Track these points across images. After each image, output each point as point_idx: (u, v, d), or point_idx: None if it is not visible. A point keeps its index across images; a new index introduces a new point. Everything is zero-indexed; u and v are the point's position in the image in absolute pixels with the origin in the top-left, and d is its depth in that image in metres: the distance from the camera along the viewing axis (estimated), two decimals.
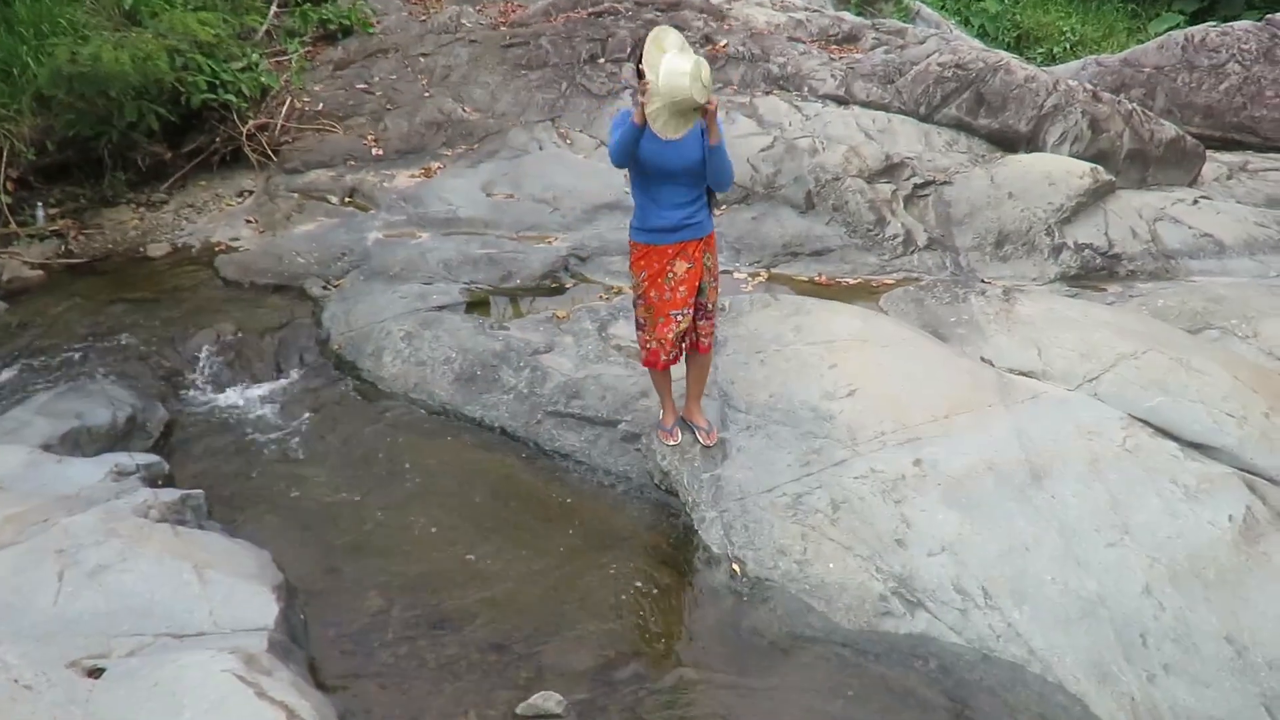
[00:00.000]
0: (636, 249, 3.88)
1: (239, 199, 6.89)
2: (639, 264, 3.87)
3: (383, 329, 5.15)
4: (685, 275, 3.81)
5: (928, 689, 3.22)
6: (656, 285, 3.83)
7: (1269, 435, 4.16)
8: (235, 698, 2.34)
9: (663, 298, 3.82)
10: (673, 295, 3.81)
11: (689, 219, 3.76)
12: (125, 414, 4.24)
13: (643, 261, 3.84)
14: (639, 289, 3.92)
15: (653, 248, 3.79)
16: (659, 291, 3.83)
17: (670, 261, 3.78)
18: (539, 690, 3.07)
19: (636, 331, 4.06)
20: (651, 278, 3.83)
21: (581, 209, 6.61)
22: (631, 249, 3.92)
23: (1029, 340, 4.86)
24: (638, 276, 3.90)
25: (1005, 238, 6.53)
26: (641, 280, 3.89)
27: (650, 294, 3.86)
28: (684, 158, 3.66)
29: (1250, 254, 6.73)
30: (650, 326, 3.92)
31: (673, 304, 3.82)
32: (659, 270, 3.80)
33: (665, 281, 3.81)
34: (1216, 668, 3.21)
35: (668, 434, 4.18)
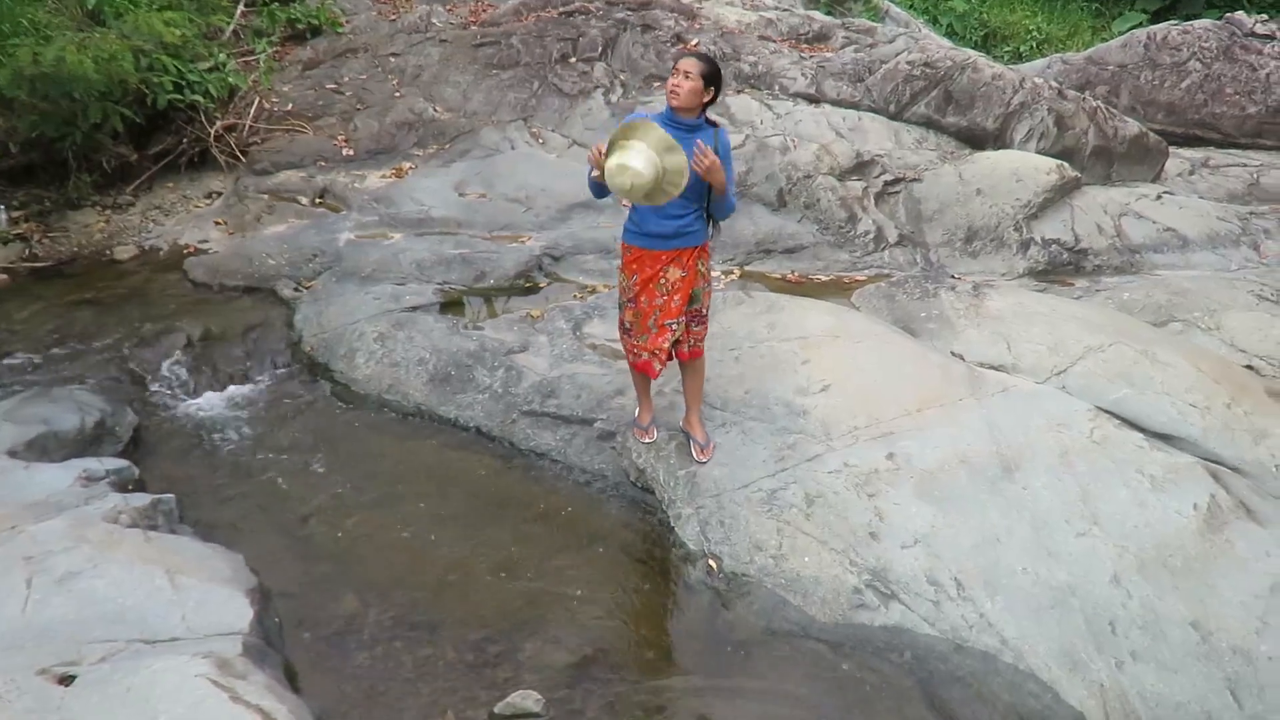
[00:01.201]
0: (630, 251, 3.79)
1: (207, 201, 6.81)
2: (630, 266, 3.79)
3: (355, 330, 5.11)
4: (679, 283, 3.75)
5: (902, 679, 3.26)
6: (648, 291, 3.75)
7: (1231, 425, 4.25)
8: (210, 702, 2.32)
9: (653, 304, 3.75)
10: (666, 303, 3.74)
11: (686, 228, 3.70)
12: (93, 419, 4.17)
13: (635, 265, 3.77)
14: (629, 292, 3.83)
15: (647, 252, 3.73)
16: (649, 298, 3.76)
17: (664, 268, 3.72)
18: (517, 689, 3.07)
19: (620, 334, 4.00)
20: (643, 282, 3.75)
21: (555, 208, 6.60)
22: (623, 251, 3.83)
23: (998, 334, 4.93)
24: (629, 279, 3.81)
25: (974, 234, 6.61)
26: (632, 284, 3.80)
27: (640, 299, 3.78)
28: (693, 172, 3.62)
29: (1213, 248, 6.87)
30: (639, 333, 3.84)
31: (667, 313, 3.75)
32: (651, 275, 3.73)
33: (657, 288, 3.74)
34: (1183, 653, 3.28)
35: (643, 431, 4.18)
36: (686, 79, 3.51)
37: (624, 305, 3.91)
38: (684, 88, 3.51)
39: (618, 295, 3.99)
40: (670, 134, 3.45)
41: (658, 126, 3.46)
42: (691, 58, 3.56)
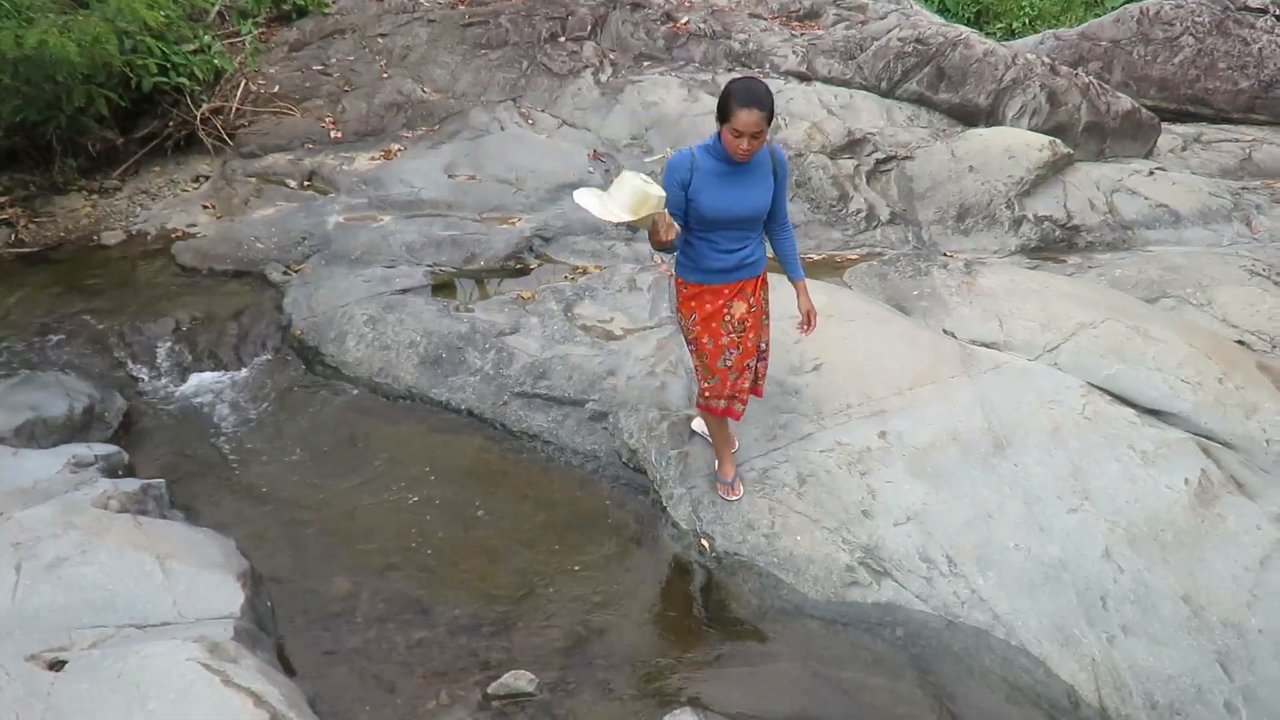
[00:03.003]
0: (686, 288, 3.38)
1: (195, 184, 6.75)
2: (689, 304, 3.39)
3: (345, 313, 5.08)
4: (747, 318, 3.39)
5: (895, 656, 3.27)
6: (710, 330, 3.37)
7: (1223, 400, 4.25)
8: (201, 686, 2.32)
9: (718, 343, 3.38)
10: (740, 342, 3.40)
11: (747, 259, 3.32)
12: (82, 405, 4.15)
13: (693, 302, 3.36)
14: (689, 333, 3.45)
15: (706, 287, 3.33)
16: (713, 337, 3.38)
17: (727, 303, 3.34)
18: (510, 670, 3.07)
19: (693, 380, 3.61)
20: (704, 320, 3.37)
21: (545, 189, 6.56)
22: (678, 288, 3.42)
23: (990, 312, 4.92)
24: (687, 319, 3.42)
25: (966, 211, 6.58)
26: (692, 324, 3.41)
27: (704, 340, 3.40)
28: (752, 204, 3.20)
29: (1205, 223, 6.86)
30: (707, 375, 3.48)
31: (745, 353, 3.43)
32: (713, 313, 3.35)
33: (722, 325, 3.37)
34: (1174, 627, 3.29)
35: (728, 488, 3.76)
36: (755, 140, 2.99)
37: (689, 346, 3.53)
38: (754, 150, 3.03)
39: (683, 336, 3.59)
40: (718, 167, 3.11)
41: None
42: (752, 109, 2.91)
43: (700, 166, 3.12)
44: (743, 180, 3.14)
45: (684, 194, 3.14)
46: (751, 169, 3.15)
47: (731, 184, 3.14)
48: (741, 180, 3.14)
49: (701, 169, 3.12)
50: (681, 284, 3.39)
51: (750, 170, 3.15)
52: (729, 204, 3.15)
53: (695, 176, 3.12)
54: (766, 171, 3.22)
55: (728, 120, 2.95)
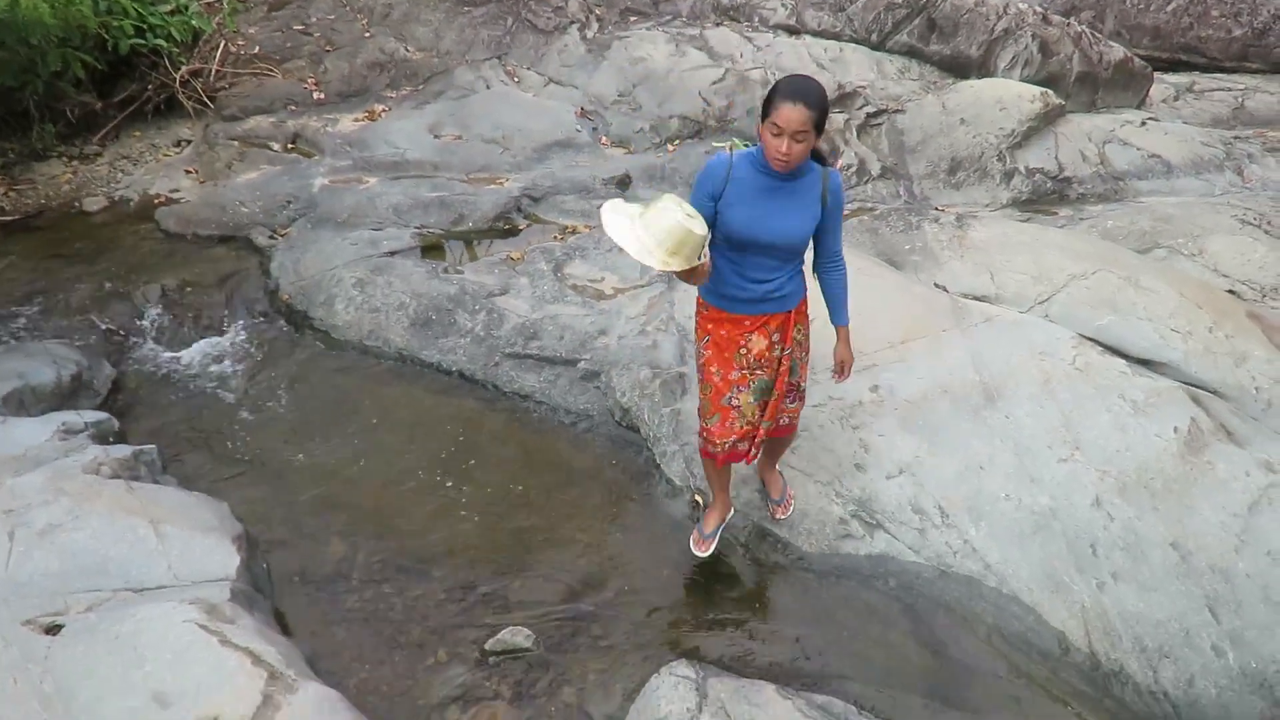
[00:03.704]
0: (705, 309, 3.01)
1: (176, 149, 6.65)
2: (704, 326, 3.02)
3: (333, 277, 5.04)
4: (765, 355, 2.97)
5: (888, 606, 3.31)
6: (721, 359, 2.98)
7: (1212, 349, 4.27)
8: (198, 647, 2.33)
9: (727, 378, 2.99)
10: (743, 379, 2.99)
11: (777, 290, 2.89)
12: (70, 372, 4.12)
13: (710, 325, 2.99)
14: (699, 357, 3.07)
15: (725, 314, 2.94)
16: (723, 369, 2.98)
17: (746, 335, 2.94)
18: (507, 627, 3.09)
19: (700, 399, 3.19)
20: (717, 346, 2.97)
21: (532, 148, 6.49)
22: (698, 306, 3.05)
23: (982, 265, 4.91)
24: (699, 341, 3.05)
25: (958, 164, 6.54)
26: (703, 348, 3.03)
27: (711, 369, 3.01)
28: (789, 231, 2.76)
29: (1197, 173, 6.83)
30: (709, 413, 3.09)
31: (740, 382, 3.00)
32: (728, 341, 2.95)
33: (736, 358, 2.96)
34: (1163, 573, 3.33)
35: (701, 540, 3.38)
36: (797, 143, 2.54)
37: (698, 371, 3.13)
38: (794, 155, 2.57)
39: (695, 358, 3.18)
40: (758, 180, 2.70)
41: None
42: (798, 104, 2.48)
43: (737, 176, 2.70)
44: (784, 200, 2.70)
45: (713, 205, 2.74)
46: (797, 189, 2.71)
47: (769, 202, 2.70)
48: (782, 200, 2.70)
49: (738, 179, 2.70)
50: (701, 303, 3.01)
51: (795, 191, 2.71)
52: (762, 226, 2.72)
53: (730, 188, 2.70)
54: (814, 197, 2.75)
55: (768, 115, 2.54)
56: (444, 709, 2.84)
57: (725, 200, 2.72)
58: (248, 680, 2.25)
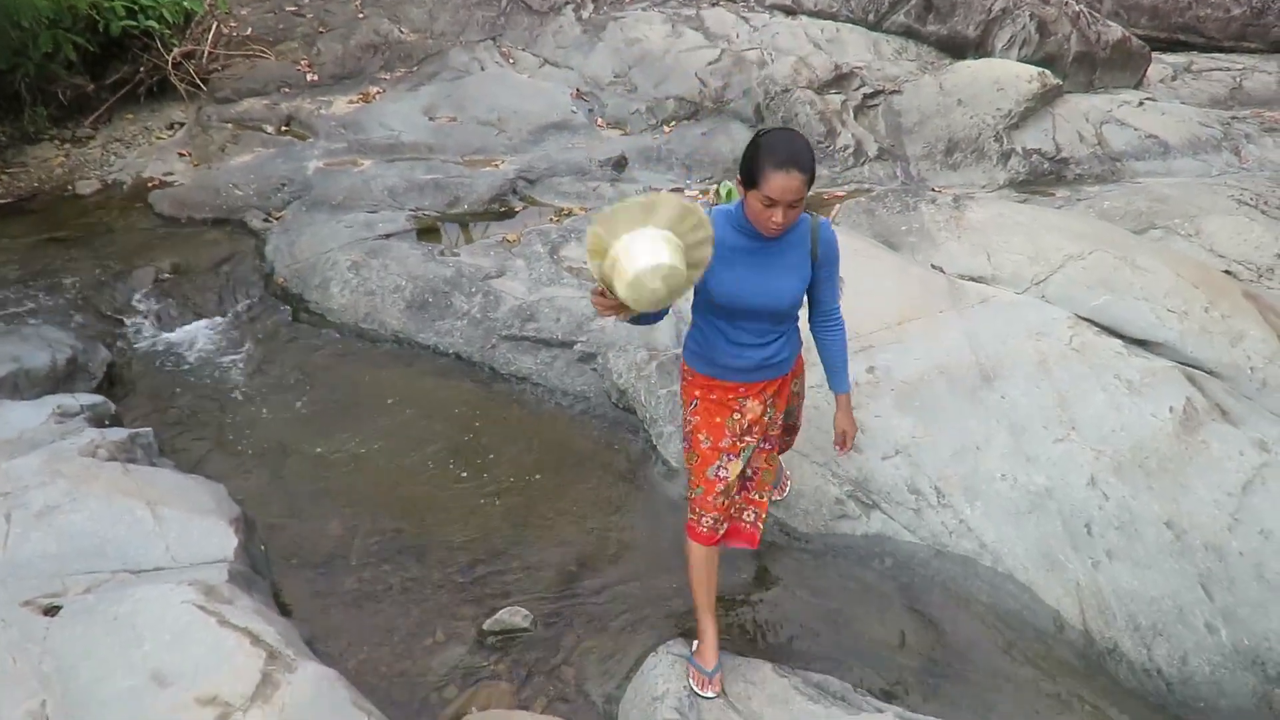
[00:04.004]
0: (691, 376, 2.69)
1: (169, 131, 6.62)
2: (690, 390, 2.70)
3: (329, 260, 5.02)
4: (759, 421, 2.69)
5: (884, 585, 3.32)
6: (711, 426, 2.66)
7: (1208, 329, 4.27)
8: (197, 627, 2.33)
9: (715, 445, 2.65)
10: (733, 448, 2.67)
11: (774, 356, 2.61)
12: (65, 356, 4.11)
13: (697, 391, 2.67)
14: (686, 423, 2.75)
15: (716, 381, 2.64)
16: (712, 436, 2.65)
17: (741, 400, 2.65)
18: (506, 607, 3.10)
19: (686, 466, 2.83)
20: (707, 412, 2.65)
21: (527, 130, 6.46)
22: (682, 371, 2.76)
23: (979, 246, 4.90)
24: (687, 406, 2.74)
25: (955, 145, 6.52)
26: (690, 413, 2.71)
27: (699, 437, 2.67)
28: (778, 295, 2.48)
29: (1194, 154, 6.82)
30: (693, 482, 2.75)
31: (730, 450, 2.68)
32: (720, 406, 2.64)
33: (727, 424, 2.65)
34: (1157, 551, 3.34)
35: (705, 680, 2.73)
36: (792, 211, 2.29)
37: (684, 439, 2.80)
38: (789, 222, 2.32)
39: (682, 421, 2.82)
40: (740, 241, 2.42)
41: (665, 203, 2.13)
42: (791, 172, 2.21)
43: (716, 237, 2.31)
44: (771, 262, 2.43)
45: None
46: (784, 248, 2.45)
47: (755, 265, 2.42)
48: (769, 262, 2.43)
49: (719, 240, 2.33)
50: (687, 369, 2.70)
51: (783, 249, 2.44)
52: (749, 291, 2.44)
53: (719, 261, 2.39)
54: (804, 253, 2.49)
55: (756, 185, 2.25)
56: (442, 688, 2.85)
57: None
58: (246, 660, 2.26)
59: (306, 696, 2.20)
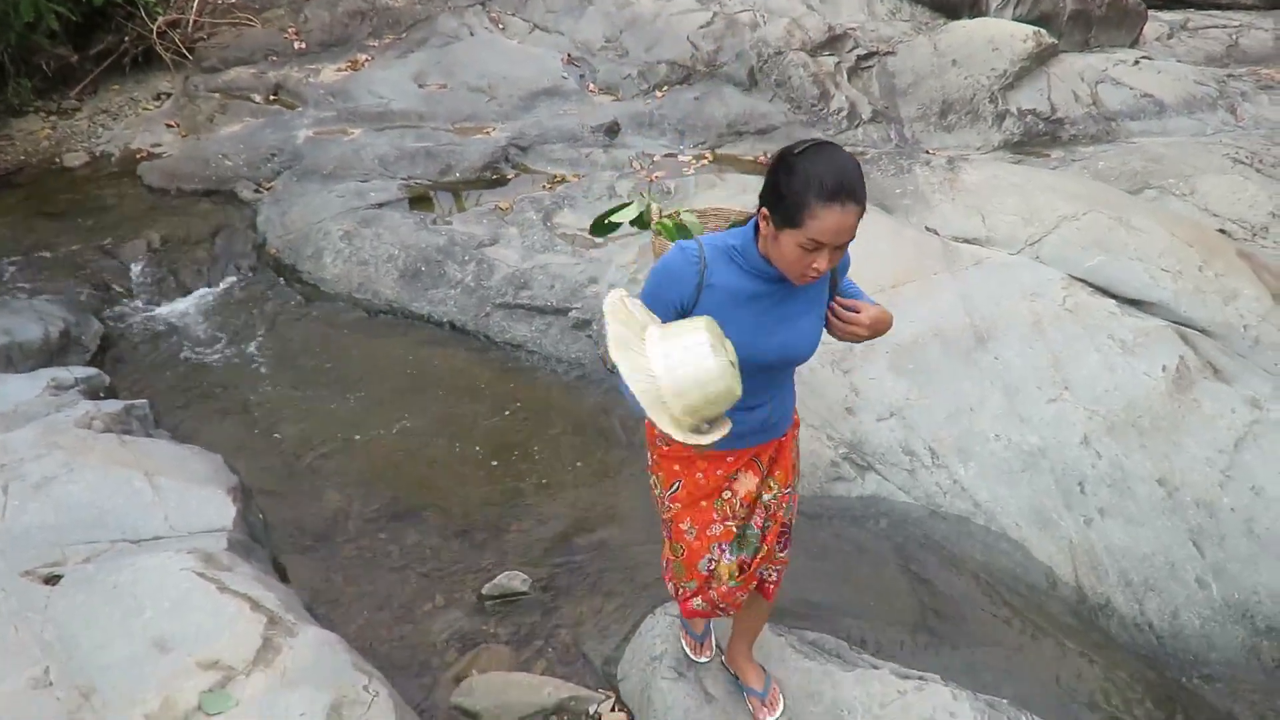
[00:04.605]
0: (667, 445, 2.11)
1: (156, 102, 6.55)
2: (669, 467, 2.13)
3: (321, 229, 5.00)
4: (752, 496, 2.14)
5: (878, 545, 3.35)
6: (696, 513, 2.13)
7: (1202, 288, 4.27)
8: (197, 594, 2.35)
9: (704, 535, 2.15)
10: (727, 533, 2.15)
11: (770, 417, 2.09)
12: (58, 329, 4.10)
13: (676, 466, 2.11)
14: (663, 509, 2.20)
15: (699, 454, 2.08)
16: (699, 524, 2.14)
17: (730, 475, 2.10)
18: (503, 572, 3.13)
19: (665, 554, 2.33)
20: (690, 495, 2.12)
21: (519, 96, 6.40)
22: (650, 440, 2.18)
23: (973, 208, 4.89)
24: (665, 489, 2.15)
25: (949, 107, 6.47)
26: (669, 499, 2.15)
27: (681, 525, 2.16)
28: (797, 344, 1.96)
29: (1189, 113, 6.78)
30: (682, 574, 2.25)
31: (723, 538, 2.16)
32: (707, 487, 2.11)
33: (716, 508, 2.13)
34: (1149, 508, 3.37)
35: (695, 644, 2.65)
36: (837, 253, 1.77)
37: (662, 519, 2.25)
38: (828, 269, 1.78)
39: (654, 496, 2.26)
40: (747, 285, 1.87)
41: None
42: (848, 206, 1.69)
43: (714, 283, 1.85)
44: (786, 304, 1.90)
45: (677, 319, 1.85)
46: (792, 287, 1.89)
47: (768, 311, 1.89)
48: (784, 302, 1.90)
49: (717, 286, 1.85)
50: (659, 437, 2.10)
51: (790, 290, 1.90)
52: (764, 346, 1.90)
53: (706, 297, 1.85)
54: (821, 282, 1.97)
55: (795, 224, 1.71)
56: (443, 652, 2.88)
57: (700, 311, 1.85)
58: (247, 625, 2.28)
59: (308, 660, 2.22)
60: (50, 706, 2.06)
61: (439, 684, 2.77)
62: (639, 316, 1.75)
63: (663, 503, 2.17)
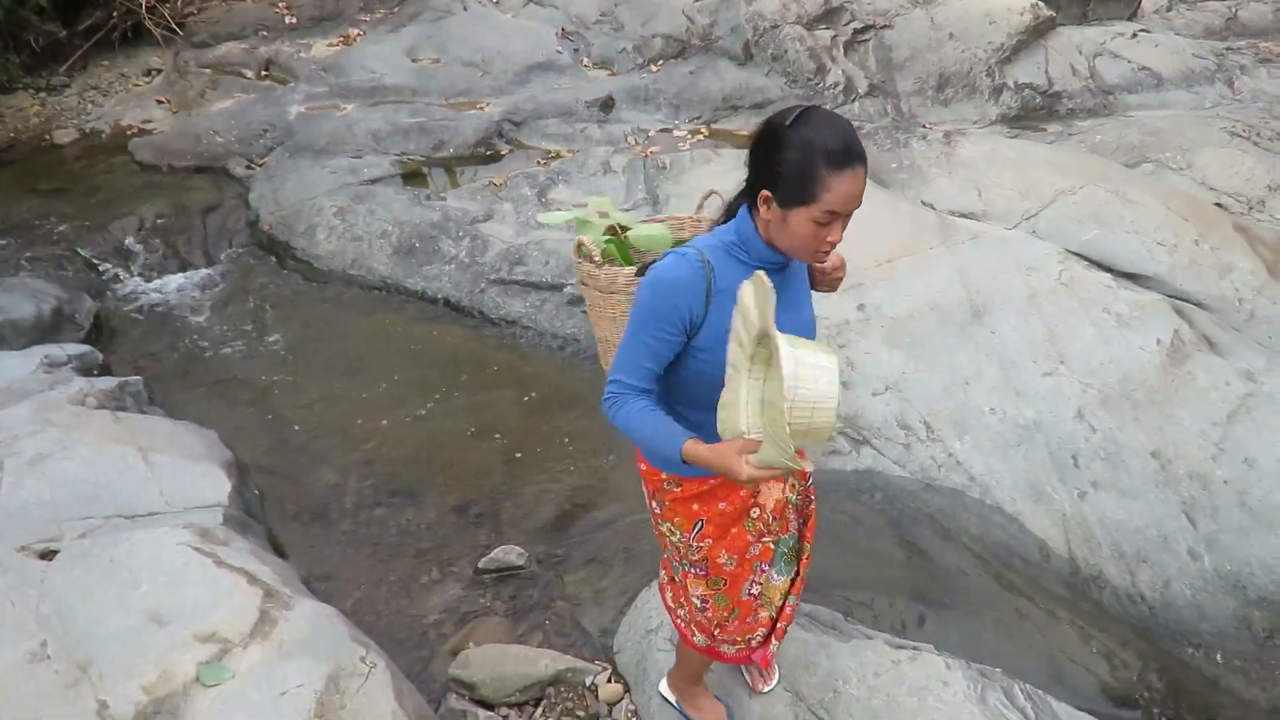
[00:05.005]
0: (677, 488, 1.89)
1: (146, 78, 6.48)
2: (686, 508, 1.91)
3: (314, 206, 4.97)
4: (783, 504, 2.00)
5: (874, 518, 3.36)
6: (729, 541, 1.94)
7: (1198, 262, 4.27)
8: (193, 568, 2.35)
9: (744, 559, 1.96)
10: (766, 551, 2.00)
11: None
12: (50, 306, 4.08)
13: (695, 505, 1.90)
14: (689, 551, 1.97)
15: (717, 481, 1.87)
16: (735, 551, 1.95)
17: (754, 493, 1.92)
18: (500, 546, 3.14)
19: (678, 606, 2.15)
20: (718, 527, 1.92)
21: (512, 71, 6.34)
22: (656, 484, 1.95)
23: (969, 182, 4.87)
24: (687, 532, 1.94)
25: (946, 80, 6.43)
26: (696, 539, 1.93)
27: (718, 558, 1.95)
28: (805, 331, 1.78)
29: (1188, 86, 6.74)
30: (724, 609, 2.04)
31: (762, 556, 2.00)
32: (732, 514, 1.91)
33: (748, 527, 1.94)
34: (1142, 481, 3.39)
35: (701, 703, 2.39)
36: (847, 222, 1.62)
37: (682, 570, 2.04)
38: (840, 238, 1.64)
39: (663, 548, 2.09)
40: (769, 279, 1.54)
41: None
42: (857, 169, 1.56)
43: (724, 287, 1.65)
44: (788, 292, 1.75)
45: (684, 341, 1.68)
46: (791, 271, 1.78)
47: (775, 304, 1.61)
48: (787, 293, 1.74)
49: (726, 291, 1.64)
50: (665, 480, 1.90)
51: (792, 269, 1.78)
52: None
53: (714, 305, 1.65)
54: (805, 286, 1.86)
55: (810, 197, 1.55)
56: (440, 625, 2.90)
57: (710, 327, 1.65)
58: (244, 598, 2.29)
59: (305, 632, 2.23)
60: (48, 679, 2.06)
61: (436, 656, 2.78)
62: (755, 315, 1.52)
63: (688, 546, 1.95)
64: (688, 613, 2.10)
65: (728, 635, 2.09)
